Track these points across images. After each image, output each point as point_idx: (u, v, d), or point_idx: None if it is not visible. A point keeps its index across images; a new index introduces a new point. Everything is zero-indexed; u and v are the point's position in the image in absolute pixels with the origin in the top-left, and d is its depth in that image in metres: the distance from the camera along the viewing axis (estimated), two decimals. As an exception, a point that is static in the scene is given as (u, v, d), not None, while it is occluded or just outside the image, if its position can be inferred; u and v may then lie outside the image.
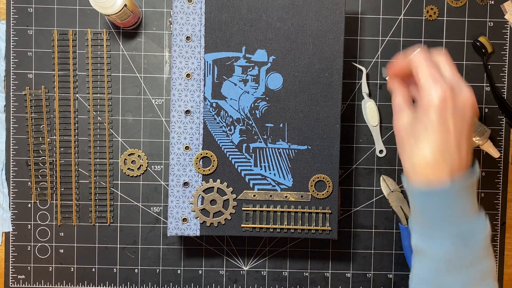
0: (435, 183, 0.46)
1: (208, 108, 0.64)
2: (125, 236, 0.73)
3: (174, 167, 0.64)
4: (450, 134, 0.45)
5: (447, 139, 0.45)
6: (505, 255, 0.74)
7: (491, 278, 0.47)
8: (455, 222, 0.46)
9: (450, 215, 0.46)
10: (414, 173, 0.47)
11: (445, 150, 0.45)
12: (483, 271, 0.46)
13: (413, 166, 0.47)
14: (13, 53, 0.71)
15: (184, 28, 0.63)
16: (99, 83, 0.72)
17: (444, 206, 0.46)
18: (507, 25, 0.72)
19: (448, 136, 0.45)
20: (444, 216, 0.46)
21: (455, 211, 0.46)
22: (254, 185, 0.65)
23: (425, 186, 0.46)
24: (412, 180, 0.48)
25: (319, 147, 0.64)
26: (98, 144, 0.72)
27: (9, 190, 0.72)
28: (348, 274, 0.74)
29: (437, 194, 0.46)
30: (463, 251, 0.46)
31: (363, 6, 0.72)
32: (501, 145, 0.73)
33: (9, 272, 0.72)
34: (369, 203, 0.73)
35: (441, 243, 0.46)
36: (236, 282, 0.73)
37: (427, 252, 0.47)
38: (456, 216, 0.46)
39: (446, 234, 0.46)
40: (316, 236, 0.65)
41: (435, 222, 0.47)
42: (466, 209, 0.46)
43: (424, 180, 0.46)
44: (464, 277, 0.46)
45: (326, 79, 0.64)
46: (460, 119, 0.45)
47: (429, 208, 0.47)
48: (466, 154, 0.46)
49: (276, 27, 0.63)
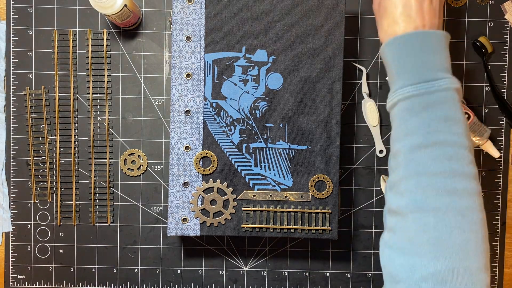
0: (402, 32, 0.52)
1: (208, 108, 0.64)
2: (125, 236, 0.73)
3: (174, 167, 0.64)
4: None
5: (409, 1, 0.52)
6: (505, 255, 0.74)
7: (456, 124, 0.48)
8: (417, 70, 0.50)
9: (413, 63, 0.50)
10: (386, 35, 0.54)
11: (408, 11, 0.52)
12: (446, 116, 0.48)
13: (385, 31, 0.54)
14: (13, 53, 0.71)
15: (184, 28, 0.63)
16: (99, 83, 0.72)
17: (407, 53, 0.50)
18: (507, 25, 0.72)
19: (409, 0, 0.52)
20: (407, 65, 0.50)
21: (417, 60, 0.50)
22: (254, 185, 0.65)
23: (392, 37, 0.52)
24: (386, 37, 0.53)
25: (319, 147, 0.64)
26: (98, 144, 0.72)
27: (9, 190, 0.72)
28: (348, 274, 0.74)
29: (401, 40, 0.51)
30: (424, 94, 0.49)
31: (363, 6, 0.72)
32: (501, 145, 0.73)
33: (9, 272, 0.72)
34: (369, 203, 0.73)
35: (404, 88, 0.50)
36: (236, 282, 0.73)
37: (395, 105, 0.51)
38: (419, 64, 0.50)
39: (408, 81, 0.50)
40: (316, 236, 0.65)
41: (400, 73, 0.51)
42: (431, 62, 0.50)
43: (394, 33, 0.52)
44: (424, 117, 0.48)
45: (326, 79, 0.64)
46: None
47: (396, 58, 0.51)
48: (430, 16, 0.52)
49: (276, 27, 0.63)
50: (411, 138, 0.48)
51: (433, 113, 0.48)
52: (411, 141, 0.48)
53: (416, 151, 0.48)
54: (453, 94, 0.49)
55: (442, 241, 0.44)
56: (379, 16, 0.55)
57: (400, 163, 0.49)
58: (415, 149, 0.48)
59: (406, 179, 0.48)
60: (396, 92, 0.51)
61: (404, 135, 0.49)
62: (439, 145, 0.47)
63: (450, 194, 0.46)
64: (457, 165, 0.47)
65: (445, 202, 0.45)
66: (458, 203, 0.45)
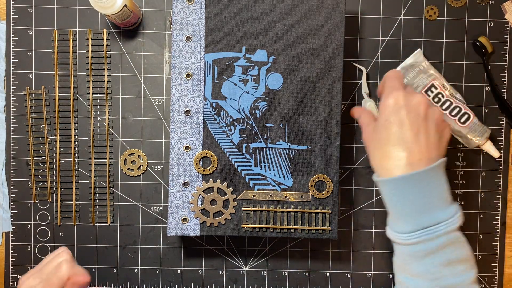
0: (395, 173, 0.50)
1: (208, 108, 0.64)
2: (125, 236, 0.73)
3: (174, 167, 0.64)
4: (404, 128, 0.50)
5: (402, 132, 0.50)
6: (505, 255, 0.74)
7: (460, 265, 0.49)
8: (416, 215, 0.49)
9: (411, 206, 0.49)
10: (379, 167, 0.52)
11: (401, 142, 0.50)
12: (450, 259, 0.48)
13: (378, 162, 0.52)
14: (13, 53, 0.71)
15: (184, 28, 0.63)
16: (99, 83, 0.72)
17: (404, 196, 0.49)
18: (507, 25, 0.72)
19: (403, 129, 0.50)
20: (405, 208, 0.49)
21: (415, 202, 0.49)
22: (254, 185, 0.65)
23: (387, 176, 0.50)
24: (378, 174, 0.52)
25: (319, 147, 0.64)
26: (98, 144, 0.72)
27: (9, 190, 0.72)
28: (348, 274, 0.74)
29: (396, 182, 0.49)
30: (425, 242, 0.48)
31: (363, 6, 0.72)
32: (501, 145, 0.73)
33: (9, 272, 0.72)
34: (369, 203, 0.73)
35: (403, 236, 0.50)
36: (236, 282, 0.73)
37: (395, 242, 0.52)
38: (417, 207, 0.49)
39: (409, 225, 0.49)
40: (316, 236, 0.65)
41: (398, 214, 0.50)
42: (429, 200, 0.49)
43: (386, 173, 0.51)
44: (427, 264, 0.48)
45: (326, 79, 0.64)
46: (414, 116, 0.50)
47: (392, 198, 0.51)
48: (426, 146, 0.50)
49: (276, 27, 0.63)
50: (416, 281, 0.49)
51: (436, 259, 0.48)
52: (416, 283, 0.49)
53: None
54: (454, 235, 0.49)
55: None
56: (372, 144, 0.53)
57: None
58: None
59: None
60: (394, 233, 0.51)
61: (409, 274, 0.50)
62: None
63: None
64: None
65: None
66: None
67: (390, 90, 0.52)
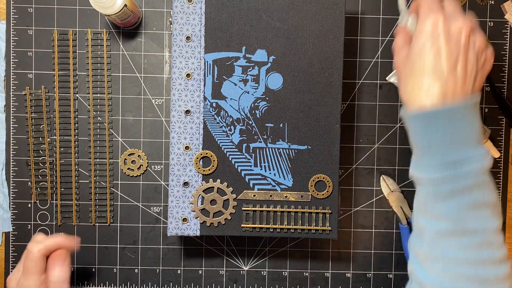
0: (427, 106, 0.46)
1: (208, 108, 0.64)
2: (125, 236, 0.73)
3: (174, 167, 0.64)
4: (442, 58, 0.46)
5: (439, 62, 0.46)
6: (505, 255, 0.74)
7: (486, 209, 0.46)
8: (444, 149, 0.45)
9: (440, 141, 0.46)
10: (409, 99, 0.48)
11: (437, 72, 0.46)
12: (476, 202, 0.45)
13: (409, 92, 0.48)
14: (13, 53, 0.71)
15: (184, 28, 0.63)
16: (99, 83, 0.72)
17: (433, 131, 0.46)
18: (507, 25, 0.72)
19: (440, 59, 0.46)
20: (433, 142, 0.46)
21: (444, 137, 0.45)
22: (254, 185, 0.65)
23: (418, 110, 0.46)
24: (408, 106, 0.48)
25: (319, 147, 0.64)
26: (98, 144, 0.72)
27: (9, 190, 0.72)
28: (348, 274, 0.74)
29: (427, 117, 0.46)
30: (451, 179, 0.45)
31: (363, 6, 0.72)
32: (501, 145, 0.73)
33: (9, 272, 0.72)
34: (369, 203, 0.73)
35: (429, 170, 0.46)
36: (236, 282, 0.73)
37: (419, 179, 0.48)
38: (446, 142, 0.45)
39: (434, 161, 0.46)
40: (316, 236, 0.65)
41: (425, 148, 0.47)
42: (459, 137, 0.45)
43: (417, 104, 0.46)
44: (452, 205, 0.45)
45: (326, 79, 0.64)
46: (454, 44, 0.46)
47: (420, 133, 0.47)
48: (463, 79, 0.46)
49: (276, 27, 0.63)
50: (437, 223, 0.46)
51: (461, 200, 0.45)
52: (437, 226, 0.46)
53: (443, 237, 0.46)
54: (483, 177, 0.46)
55: None
56: (404, 72, 0.49)
57: (425, 240, 0.47)
58: (443, 235, 0.46)
59: (432, 260, 0.47)
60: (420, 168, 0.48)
61: (430, 216, 0.47)
62: (469, 234, 0.45)
63: (480, 282, 0.44)
64: (487, 252, 0.45)
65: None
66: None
67: (427, 11, 0.47)
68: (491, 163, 0.47)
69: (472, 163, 0.45)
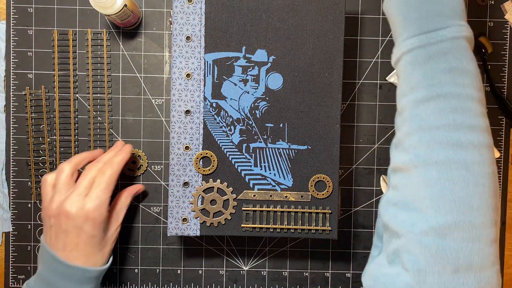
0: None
1: (208, 108, 0.64)
2: (125, 236, 0.73)
3: (174, 167, 0.64)
4: None
5: None
6: (505, 255, 0.74)
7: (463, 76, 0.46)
8: (420, 21, 0.47)
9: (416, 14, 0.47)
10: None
11: None
12: (451, 67, 0.46)
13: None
14: (13, 53, 0.71)
15: (184, 28, 0.63)
16: (99, 83, 0.72)
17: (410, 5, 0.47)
18: (507, 25, 0.72)
19: None
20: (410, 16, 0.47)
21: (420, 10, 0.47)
22: (254, 185, 0.65)
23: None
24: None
25: (319, 147, 0.64)
26: (98, 144, 0.72)
27: (9, 190, 0.72)
28: (348, 274, 0.74)
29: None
30: (426, 45, 0.46)
31: (363, 6, 0.72)
32: (501, 145, 0.73)
33: (9, 272, 0.72)
34: (369, 203, 0.73)
35: (406, 43, 0.47)
36: (236, 282, 0.73)
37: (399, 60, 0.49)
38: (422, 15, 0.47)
39: (411, 33, 0.47)
40: (316, 236, 0.65)
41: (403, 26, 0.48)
42: (435, 9, 0.46)
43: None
44: (426, 70, 0.46)
45: (326, 79, 0.64)
46: None
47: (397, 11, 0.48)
48: None
49: (276, 27, 0.63)
50: (415, 92, 0.47)
51: (437, 65, 0.46)
52: (415, 96, 0.47)
53: (419, 105, 0.46)
54: (460, 43, 0.46)
55: (444, 195, 0.43)
56: None
57: (405, 119, 0.48)
58: (419, 103, 0.46)
59: (410, 134, 0.47)
60: (399, 45, 0.48)
61: (409, 89, 0.47)
62: (443, 98, 0.45)
63: (454, 147, 0.44)
64: (462, 117, 0.45)
65: (449, 155, 0.44)
66: (462, 156, 0.44)
67: None
68: (470, 35, 0.47)
69: (448, 31, 0.46)
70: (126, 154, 0.65)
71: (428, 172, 0.44)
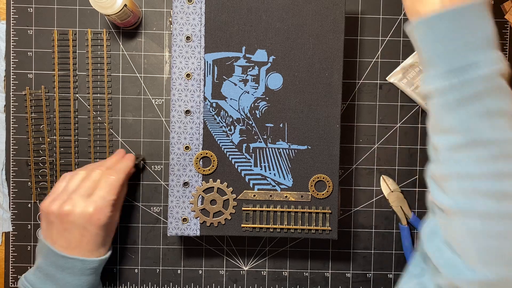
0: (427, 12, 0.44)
1: (208, 108, 0.64)
2: (125, 236, 0.73)
3: (174, 167, 0.64)
4: None
5: None
6: (505, 255, 0.74)
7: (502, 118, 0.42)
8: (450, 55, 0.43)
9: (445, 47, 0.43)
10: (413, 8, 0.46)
11: None
12: (488, 110, 0.42)
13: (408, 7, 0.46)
14: (13, 53, 0.71)
15: (184, 28, 0.63)
16: (99, 83, 0.72)
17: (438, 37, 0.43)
18: (507, 25, 0.72)
19: None
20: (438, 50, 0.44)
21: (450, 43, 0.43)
22: (254, 185, 0.65)
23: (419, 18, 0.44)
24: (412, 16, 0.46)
25: (319, 147, 0.64)
26: (98, 144, 0.72)
27: (9, 190, 0.72)
28: (348, 274, 0.74)
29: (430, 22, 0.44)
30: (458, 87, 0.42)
31: (363, 6, 0.72)
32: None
33: (9, 272, 0.72)
34: (369, 203, 0.73)
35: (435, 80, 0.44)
36: (236, 282, 0.73)
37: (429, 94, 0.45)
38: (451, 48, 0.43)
39: (440, 70, 0.44)
40: (316, 236, 0.65)
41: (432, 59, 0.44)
42: (465, 41, 0.42)
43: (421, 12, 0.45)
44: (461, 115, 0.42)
45: (326, 79, 0.64)
46: None
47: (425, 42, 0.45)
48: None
49: (276, 27, 0.63)
50: (450, 136, 0.43)
51: (471, 109, 0.42)
52: (449, 140, 0.43)
53: (456, 151, 0.43)
54: (495, 82, 0.42)
55: (491, 249, 0.41)
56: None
57: (439, 158, 0.45)
58: (455, 149, 0.43)
59: (447, 178, 0.44)
60: (427, 80, 0.45)
61: (442, 131, 0.44)
62: (482, 145, 0.42)
63: (497, 197, 0.41)
64: (504, 164, 0.41)
65: (493, 206, 0.41)
66: (506, 208, 0.41)
67: None
68: (507, 68, 0.43)
69: (481, 67, 0.42)
70: (131, 162, 0.66)
71: (471, 223, 0.42)
